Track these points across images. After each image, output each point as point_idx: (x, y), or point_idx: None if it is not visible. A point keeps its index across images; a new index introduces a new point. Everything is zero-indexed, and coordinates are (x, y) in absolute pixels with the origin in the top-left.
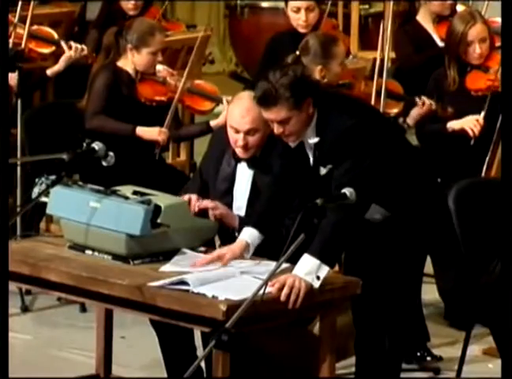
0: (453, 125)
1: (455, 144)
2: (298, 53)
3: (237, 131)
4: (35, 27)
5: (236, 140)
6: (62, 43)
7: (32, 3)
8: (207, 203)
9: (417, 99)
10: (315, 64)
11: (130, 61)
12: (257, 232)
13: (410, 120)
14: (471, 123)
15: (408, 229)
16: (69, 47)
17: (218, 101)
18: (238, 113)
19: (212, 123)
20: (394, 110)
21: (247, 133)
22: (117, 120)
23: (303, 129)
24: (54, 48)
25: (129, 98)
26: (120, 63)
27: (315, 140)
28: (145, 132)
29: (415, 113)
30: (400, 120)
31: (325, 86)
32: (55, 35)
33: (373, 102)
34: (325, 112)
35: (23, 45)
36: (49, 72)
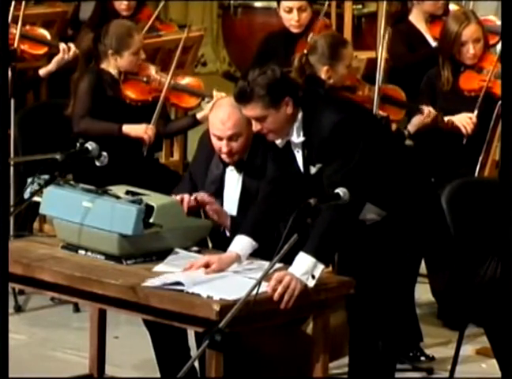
0: (446, 121)
1: (448, 143)
2: (306, 51)
3: (220, 138)
4: (27, 27)
5: (220, 147)
6: (60, 45)
7: (23, 3)
8: (205, 196)
9: (423, 108)
10: (322, 64)
11: (112, 64)
12: (251, 240)
13: (411, 127)
14: (464, 121)
15: (402, 229)
16: (64, 48)
17: (204, 96)
18: (219, 120)
19: (199, 116)
20: (397, 118)
21: (230, 138)
22: (103, 121)
23: (283, 127)
24: (46, 49)
25: (113, 99)
26: (103, 65)
27: (301, 139)
28: (131, 129)
29: (417, 121)
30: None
31: (329, 87)
32: (48, 36)
33: (377, 107)
34: (311, 111)
35: (15, 46)
36: (41, 72)
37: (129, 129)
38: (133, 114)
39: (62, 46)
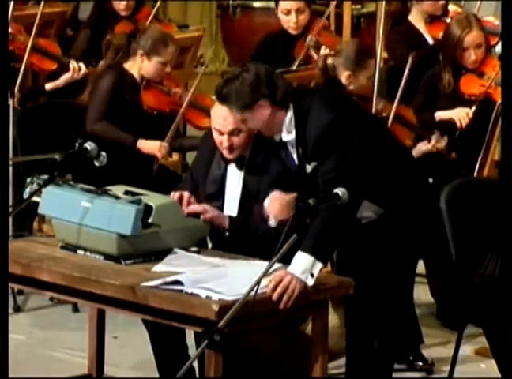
0: (442, 114)
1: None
2: (332, 53)
3: (221, 133)
4: (42, 41)
5: (221, 141)
6: (71, 64)
7: (41, 7)
8: (196, 207)
9: (432, 136)
10: (345, 68)
11: (138, 66)
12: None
13: (415, 152)
14: (460, 115)
15: (398, 228)
16: (74, 68)
17: None
18: (220, 114)
19: None
20: (407, 142)
21: (231, 133)
22: (119, 127)
23: (270, 126)
24: (56, 66)
25: (131, 103)
26: (127, 66)
27: (291, 137)
28: (146, 145)
29: (422, 148)
30: None
31: (347, 93)
32: (59, 51)
33: (374, 109)
34: (303, 108)
35: (25, 59)
36: (48, 87)
37: (144, 144)
38: (148, 120)
39: (73, 65)
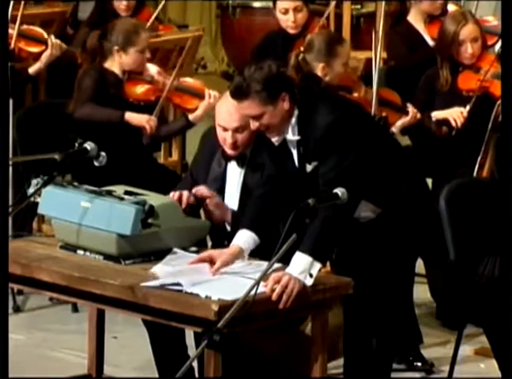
0: (438, 114)
1: (445, 142)
2: (302, 49)
3: (225, 129)
4: (24, 26)
5: (225, 138)
6: (48, 41)
7: (22, 3)
8: (204, 190)
9: (408, 109)
10: (318, 61)
11: (117, 62)
12: (253, 234)
13: (395, 128)
14: (455, 114)
15: (397, 228)
16: (52, 44)
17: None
18: (226, 111)
19: (191, 117)
20: (394, 121)
21: (236, 130)
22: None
23: (282, 124)
24: (43, 47)
25: (116, 98)
26: (107, 64)
27: (296, 137)
28: (134, 117)
29: (401, 122)
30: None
31: (326, 85)
32: (45, 35)
33: (374, 110)
34: (306, 109)
35: (12, 44)
36: (31, 70)
37: (132, 116)
38: (135, 112)
39: (51, 41)
